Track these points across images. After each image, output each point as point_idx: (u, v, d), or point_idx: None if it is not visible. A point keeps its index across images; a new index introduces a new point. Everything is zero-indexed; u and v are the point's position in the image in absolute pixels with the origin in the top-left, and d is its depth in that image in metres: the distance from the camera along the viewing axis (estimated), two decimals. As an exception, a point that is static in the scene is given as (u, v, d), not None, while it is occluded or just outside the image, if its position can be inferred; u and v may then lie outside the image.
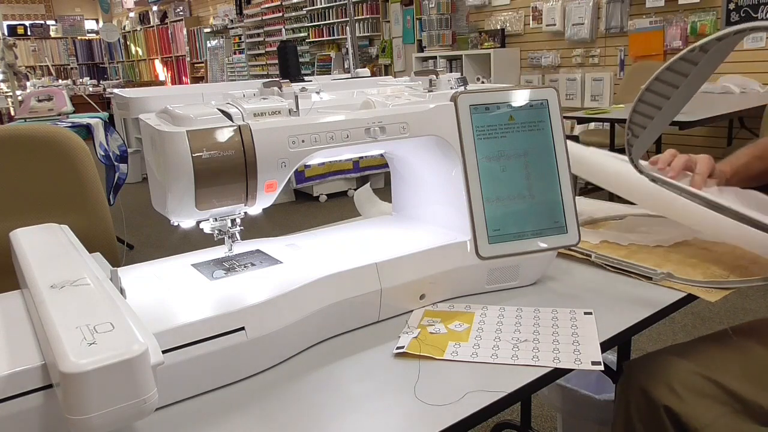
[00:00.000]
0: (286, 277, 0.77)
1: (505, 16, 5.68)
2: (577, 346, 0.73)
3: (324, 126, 0.78)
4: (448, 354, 0.73)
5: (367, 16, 7.15)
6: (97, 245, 0.81)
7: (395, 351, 0.73)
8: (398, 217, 1.05)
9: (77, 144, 1.48)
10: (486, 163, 0.86)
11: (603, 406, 1.36)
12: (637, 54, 4.63)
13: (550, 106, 0.89)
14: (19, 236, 0.77)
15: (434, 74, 0.93)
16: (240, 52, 9.77)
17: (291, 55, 1.20)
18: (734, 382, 0.85)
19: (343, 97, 0.90)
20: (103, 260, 0.73)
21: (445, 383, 0.67)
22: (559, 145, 0.89)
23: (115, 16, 13.50)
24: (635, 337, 0.90)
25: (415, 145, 0.88)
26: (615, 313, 0.82)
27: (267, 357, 0.71)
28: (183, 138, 0.68)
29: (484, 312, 0.84)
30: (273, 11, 8.72)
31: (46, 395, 0.55)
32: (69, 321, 0.52)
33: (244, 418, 0.62)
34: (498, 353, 0.72)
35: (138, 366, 0.48)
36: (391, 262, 0.81)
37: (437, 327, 0.79)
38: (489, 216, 0.86)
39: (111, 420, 0.48)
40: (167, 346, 0.62)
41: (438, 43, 6.08)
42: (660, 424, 0.84)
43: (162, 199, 0.73)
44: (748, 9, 4.02)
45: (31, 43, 11.97)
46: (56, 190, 1.46)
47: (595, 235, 1.07)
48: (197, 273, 0.79)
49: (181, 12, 11.12)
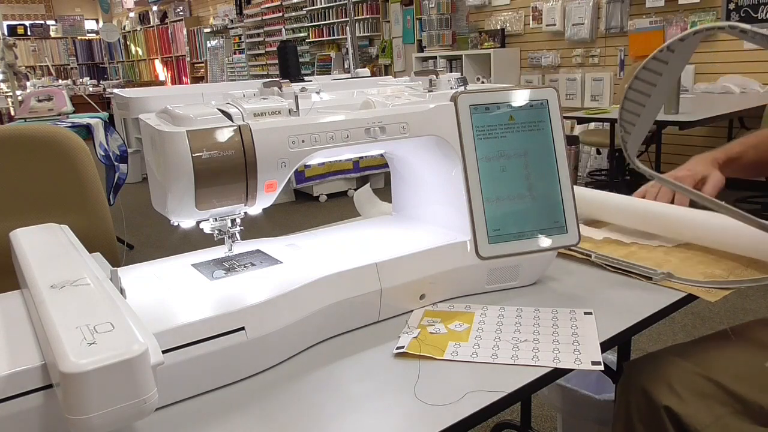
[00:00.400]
0: (286, 277, 0.77)
1: (505, 16, 5.68)
2: (577, 346, 0.73)
3: (324, 126, 0.78)
4: (448, 354, 0.73)
5: (367, 16, 7.16)
6: (97, 245, 0.81)
7: (395, 351, 0.73)
8: (398, 217, 1.05)
9: (77, 144, 1.48)
10: (486, 163, 0.86)
11: (603, 406, 1.36)
12: (637, 54, 4.63)
13: (550, 106, 0.89)
14: (19, 236, 0.77)
15: (434, 74, 0.93)
16: (240, 52, 9.78)
17: (291, 55, 1.21)
18: (734, 383, 0.85)
19: (343, 97, 0.90)
20: (103, 260, 0.73)
21: (445, 383, 0.67)
22: (559, 145, 0.89)
23: (115, 16, 13.50)
24: (635, 337, 0.91)
25: (415, 145, 0.88)
26: (615, 313, 0.82)
27: (267, 357, 0.71)
28: (183, 138, 0.68)
29: (484, 312, 0.84)
30: (273, 11, 8.73)
31: (46, 395, 0.55)
32: (69, 321, 0.52)
33: (244, 418, 0.62)
34: (498, 353, 0.72)
35: (138, 366, 0.48)
36: (391, 262, 0.81)
37: (437, 327, 0.79)
38: (489, 216, 0.86)
39: (111, 420, 0.48)
40: (167, 346, 0.62)
41: (438, 43, 6.09)
42: (660, 425, 0.84)
43: (162, 199, 0.73)
44: (748, 9, 4.03)
45: (31, 43, 11.98)
46: (56, 190, 1.46)
47: (598, 232, 1.07)
48: (197, 273, 0.79)
49: (181, 12, 11.12)
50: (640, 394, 0.88)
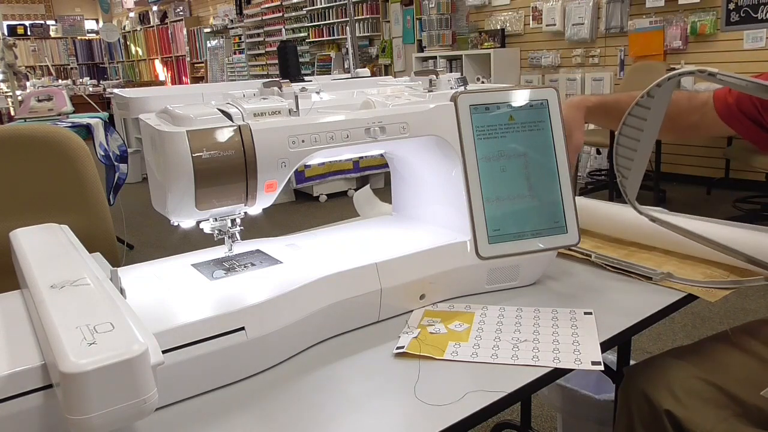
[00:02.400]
0: (286, 277, 0.77)
1: (505, 16, 5.68)
2: (577, 346, 0.73)
3: (324, 126, 0.78)
4: (448, 354, 0.73)
5: (367, 16, 7.15)
6: (97, 245, 0.81)
7: (395, 351, 0.73)
8: (398, 217, 1.05)
9: (77, 144, 1.48)
10: (486, 163, 0.86)
11: (603, 406, 1.36)
12: (637, 54, 4.63)
13: (550, 106, 0.89)
14: (19, 236, 0.77)
15: (434, 74, 0.93)
16: (240, 52, 9.77)
17: (291, 55, 1.20)
18: (735, 386, 0.85)
19: (343, 97, 0.90)
20: (103, 260, 0.73)
21: (445, 383, 0.67)
22: (559, 145, 0.89)
23: (115, 16, 13.50)
24: (635, 337, 0.91)
25: (415, 145, 0.88)
26: (615, 313, 0.81)
27: (267, 357, 0.71)
28: (183, 138, 0.68)
29: (484, 312, 0.84)
30: (273, 11, 8.72)
31: (46, 395, 0.55)
32: (69, 321, 0.52)
33: (244, 418, 0.62)
34: (498, 353, 0.72)
35: (138, 366, 0.48)
36: (391, 262, 0.81)
37: (437, 327, 0.79)
38: (489, 216, 0.86)
39: (111, 420, 0.48)
40: (167, 346, 0.62)
41: (438, 43, 6.08)
42: (661, 429, 0.84)
43: (162, 199, 0.73)
44: (748, 9, 4.02)
45: (31, 43, 11.97)
46: (56, 190, 1.46)
47: (598, 234, 1.07)
48: (197, 273, 0.79)
49: (181, 12, 11.12)
50: (641, 399, 0.88)
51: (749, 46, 4.07)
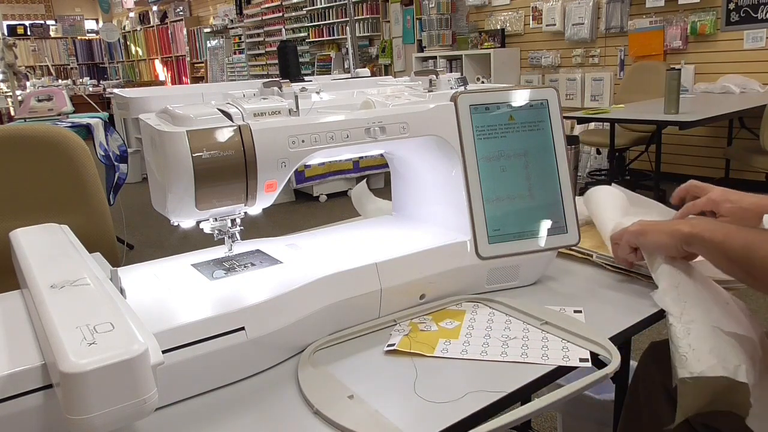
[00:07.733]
0: (286, 277, 0.77)
1: (505, 16, 5.68)
2: (566, 343, 0.74)
3: (324, 126, 0.78)
4: (438, 351, 0.73)
5: (367, 16, 7.15)
6: (97, 245, 0.81)
7: (386, 348, 0.74)
8: (398, 217, 1.05)
9: (77, 144, 1.48)
10: (486, 163, 0.86)
11: (603, 406, 1.36)
12: (637, 54, 4.63)
13: (550, 106, 0.89)
14: (19, 236, 0.77)
15: (434, 74, 0.93)
16: (240, 52, 9.78)
17: (291, 55, 1.20)
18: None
19: (343, 97, 0.90)
20: (103, 260, 0.73)
21: (446, 383, 0.67)
22: (559, 145, 0.89)
23: (115, 16, 13.50)
24: (635, 336, 0.90)
25: (415, 145, 0.88)
26: (615, 313, 0.82)
27: (267, 357, 0.71)
28: (183, 138, 0.68)
29: (475, 310, 0.84)
30: (273, 11, 8.72)
31: (46, 395, 0.55)
32: (69, 321, 0.52)
33: (244, 418, 0.62)
34: (487, 350, 0.73)
35: (138, 366, 0.48)
36: (391, 262, 0.81)
37: (428, 324, 0.80)
38: (489, 216, 0.86)
39: (111, 420, 0.48)
40: (167, 346, 0.62)
41: (438, 43, 6.08)
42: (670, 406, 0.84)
43: (162, 199, 0.73)
44: (748, 9, 4.03)
45: (31, 43, 11.97)
46: (56, 190, 1.46)
47: (598, 234, 1.07)
48: (197, 273, 0.79)
49: (181, 12, 11.12)
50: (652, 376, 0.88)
51: (749, 46, 4.07)
